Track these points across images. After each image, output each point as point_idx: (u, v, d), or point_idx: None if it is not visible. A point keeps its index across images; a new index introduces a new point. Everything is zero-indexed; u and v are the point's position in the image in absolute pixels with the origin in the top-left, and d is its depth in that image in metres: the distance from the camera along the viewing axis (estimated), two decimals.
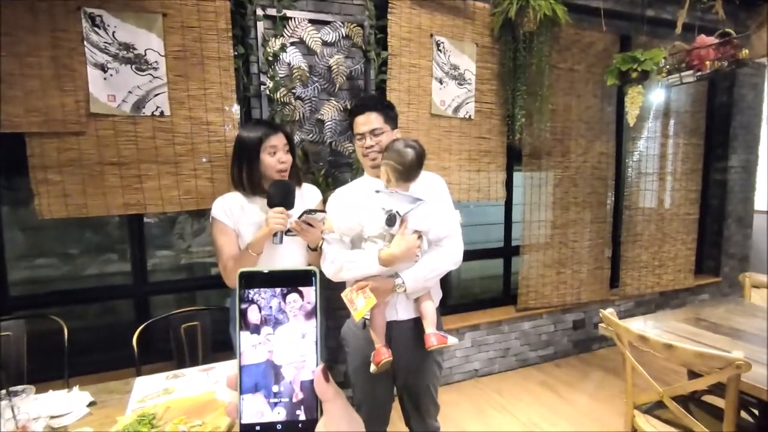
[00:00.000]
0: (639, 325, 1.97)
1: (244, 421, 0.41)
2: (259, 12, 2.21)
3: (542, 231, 3.17)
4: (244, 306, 0.43)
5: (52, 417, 1.23)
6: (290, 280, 0.43)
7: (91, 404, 1.33)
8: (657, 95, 3.43)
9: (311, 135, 2.40)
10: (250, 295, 0.43)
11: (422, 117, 2.64)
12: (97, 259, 3.68)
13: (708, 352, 1.40)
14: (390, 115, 1.58)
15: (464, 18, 2.70)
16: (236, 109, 2.22)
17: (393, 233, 1.30)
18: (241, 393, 0.41)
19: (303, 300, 0.43)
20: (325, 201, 1.87)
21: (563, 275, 3.27)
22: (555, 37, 2.90)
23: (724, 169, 3.89)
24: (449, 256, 1.42)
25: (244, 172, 1.65)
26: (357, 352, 1.52)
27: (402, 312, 1.47)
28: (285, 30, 2.28)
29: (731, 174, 3.89)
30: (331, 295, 2.02)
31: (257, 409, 0.41)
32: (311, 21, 2.34)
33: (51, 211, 1.97)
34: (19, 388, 1.20)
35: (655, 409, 1.78)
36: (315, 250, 1.61)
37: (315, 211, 1.57)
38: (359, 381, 1.55)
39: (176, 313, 1.96)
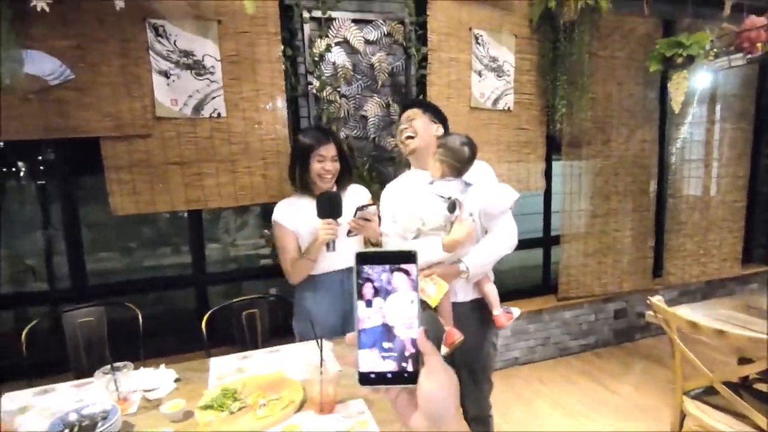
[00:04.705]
0: (686, 312, 1.97)
1: (361, 370, 0.51)
2: (306, 14, 2.31)
3: (583, 220, 3.16)
4: (360, 280, 0.52)
5: (146, 390, 1.39)
6: (396, 259, 0.53)
7: (176, 380, 1.48)
8: (703, 79, 3.32)
9: (355, 131, 2.50)
10: (365, 271, 0.52)
11: (462, 110, 2.68)
12: (154, 252, 3.94)
13: (762, 337, 1.41)
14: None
15: (502, 10, 2.72)
16: (285, 108, 2.34)
17: (452, 220, 1.38)
18: (359, 348, 0.51)
19: (407, 275, 0.52)
20: (372, 195, 1.98)
21: (604, 264, 3.26)
22: (595, 25, 2.86)
23: None
24: (505, 240, 1.51)
25: (297, 173, 1.82)
26: None
27: (461, 294, 1.55)
28: (330, 30, 2.37)
29: None
30: None
31: (372, 361, 0.51)
32: (354, 21, 2.42)
33: (123, 207, 2.15)
34: (120, 364, 1.35)
35: (704, 395, 1.79)
36: (376, 245, 1.72)
37: (366, 206, 1.67)
38: None
39: (237, 301, 2.11)
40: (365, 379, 0.51)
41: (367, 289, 0.52)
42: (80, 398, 1.41)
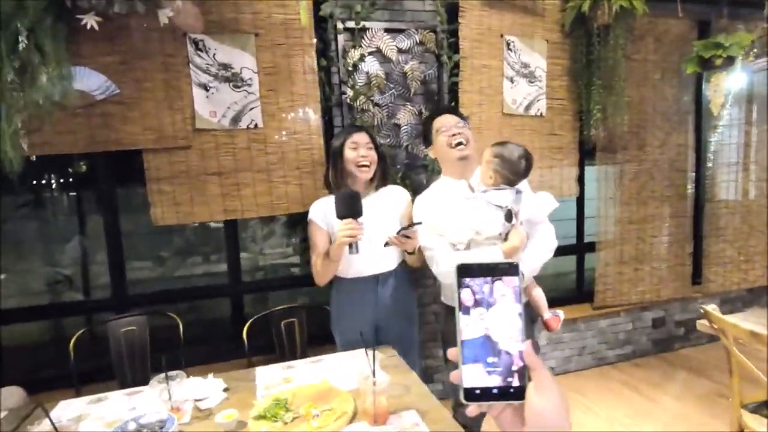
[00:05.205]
0: (741, 322, 1.89)
1: (466, 386, 0.49)
2: (340, 25, 2.33)
3: (618, 227, 3.09)
4: (461, 292, 0.51)
5: (197, 400, 1.40)
6: (498, 271, 0.51)
7: (224, 390, 1.49)
8: (740, 80, 3.22)
9: (388, 139, 2.50)
10: (466, 283, 0.51)
11: (494, 116, 2.67)
12: (184, 261, 4.01)
13: None
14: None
15: (534, 15, 2.70)
16: (320, 118, 2.36)
17: (509, 229, 1.37)
18: (462, 363, 0.50)
19: (509, 286, 0.51)
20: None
21: (641, 272, 3.17)
22: (629, 28, 2.81)
23: None
24: (549, 245, 1.57)
25: (331, 171, 1.84)
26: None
27: None
28: (363, 40, 2.39)
29: None
30: (422, 293, 2.14)
31: (477, 376, 0.49)
32: (387, 30, 2.43)
33: (164, 218, 2.19)
34: (173, 373, 1.36)
35: (763, 408, 1.71)
36: (412, 253, 1.70)
37: (410, 226, 1.62)
38: None
39: (276, 309, 2.12)
40: (470, 395, 0.49)
41: (466, 295, 0.51)
42: (132, 406, 1.43)
